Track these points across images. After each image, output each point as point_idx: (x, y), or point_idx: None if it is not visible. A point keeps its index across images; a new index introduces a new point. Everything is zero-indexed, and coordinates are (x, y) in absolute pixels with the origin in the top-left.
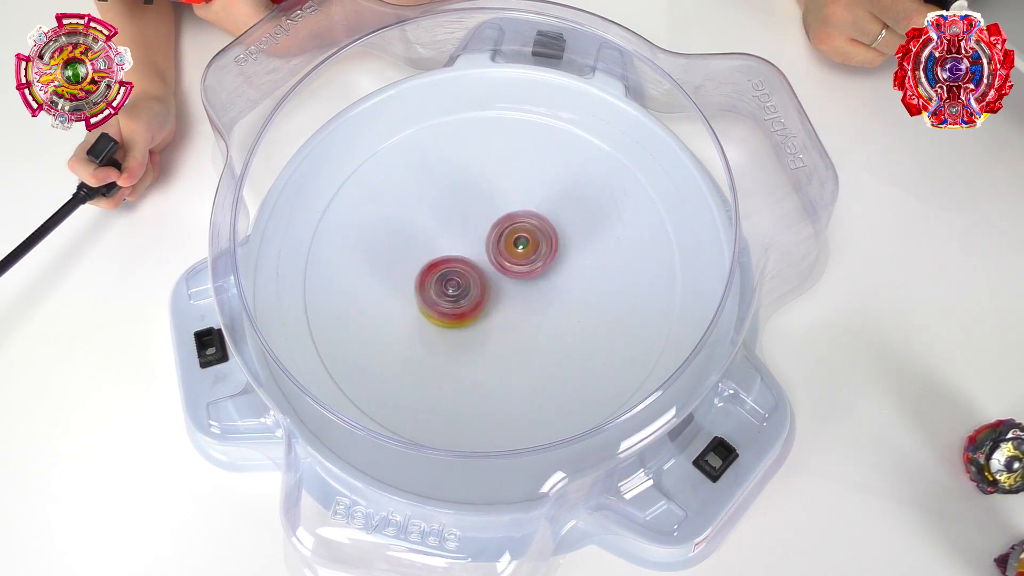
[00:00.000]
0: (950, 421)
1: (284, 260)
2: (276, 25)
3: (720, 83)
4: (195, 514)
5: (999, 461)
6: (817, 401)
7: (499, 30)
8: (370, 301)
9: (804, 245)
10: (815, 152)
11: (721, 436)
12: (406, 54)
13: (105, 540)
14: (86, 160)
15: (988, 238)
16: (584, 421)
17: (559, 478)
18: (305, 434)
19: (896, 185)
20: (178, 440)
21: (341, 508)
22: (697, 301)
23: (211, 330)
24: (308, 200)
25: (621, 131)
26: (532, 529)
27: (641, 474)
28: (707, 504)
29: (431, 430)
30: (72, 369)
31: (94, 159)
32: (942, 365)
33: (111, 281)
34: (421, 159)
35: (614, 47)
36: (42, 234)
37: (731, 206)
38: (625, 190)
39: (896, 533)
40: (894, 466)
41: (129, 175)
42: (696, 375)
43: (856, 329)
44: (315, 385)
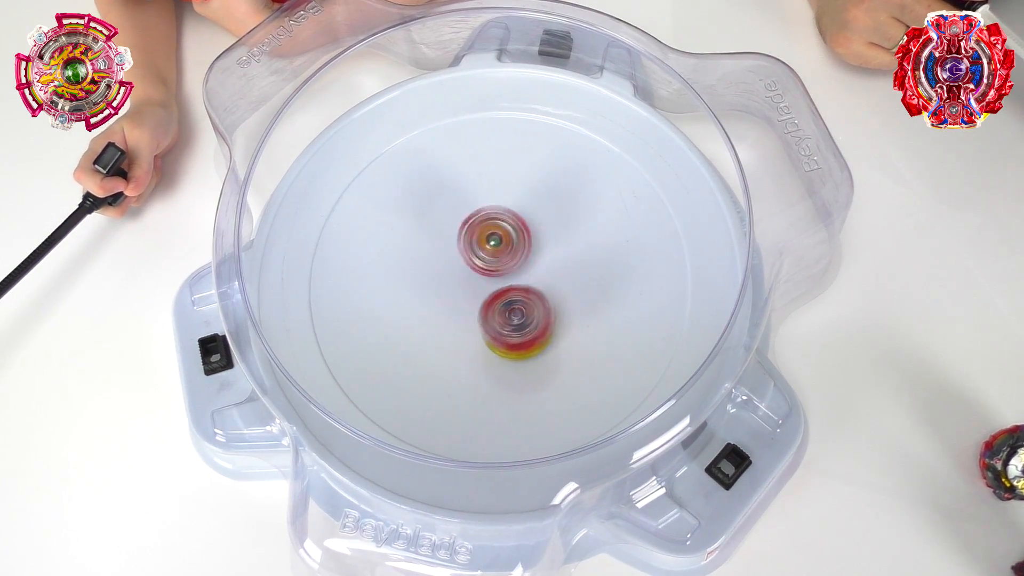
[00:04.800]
0: (966, 426)
1: (289, 265)
2: (279, 26)
3: (731, 83)
4: (200, 522)
5: (1016, 467)
6: (830, 406)
7: (505, 29)
8: (377, 306)
9: (818, 249)
10: (829, 154)
11: (734, 443)
12: (411, 54)
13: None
14: (92, 171)
15: (1004, 241)
16: (596, 430)
17: (572, 488)
18: (312, 443)
19: (910, 187)
20: (183, 448)
21: (350, 521)
22: (709, 306)
23: (215, 337)
24: (313, 204)
25: (630, 131)
26: (544, 539)
27: (653, 482)
28: (720, 512)
29: (440, 439)
30: (76, 376)
31: (101, 170)
32: (957, 369)
33: (114, 288)
34: (427, 161)
35: (622, 46)
36: (49, 246)
37: (743, 209)
38: (634, 192)
39: (912, 540)
40: (909, 472)
41: (136, 184)
42: (709, 382)
43: (870, 333)
44: (321, 393)
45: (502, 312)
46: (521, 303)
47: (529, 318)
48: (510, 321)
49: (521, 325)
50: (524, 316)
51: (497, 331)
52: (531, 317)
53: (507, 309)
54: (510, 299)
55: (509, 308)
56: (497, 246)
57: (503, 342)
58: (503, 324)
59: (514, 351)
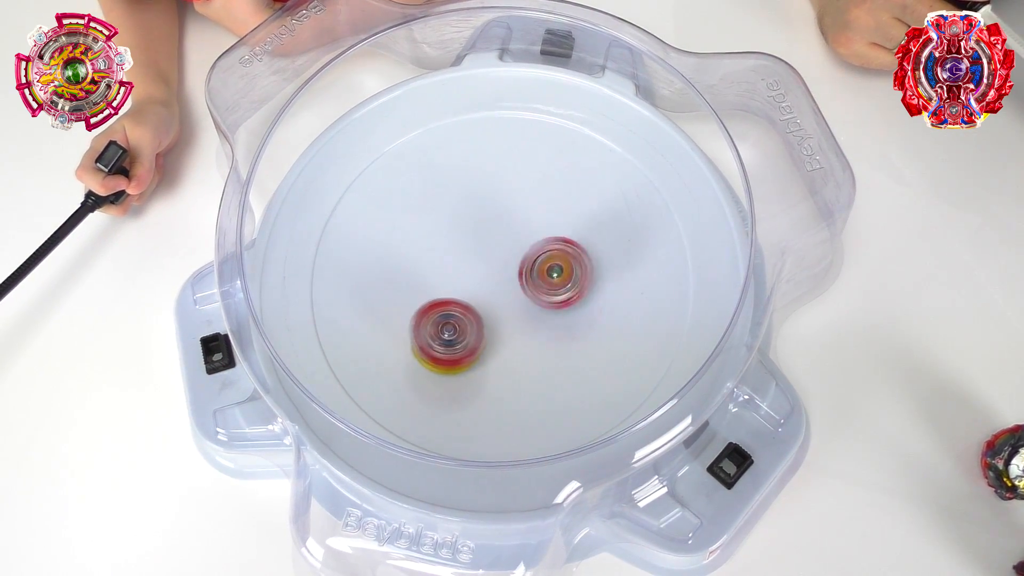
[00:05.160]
0: (967, 426)
1: (291, 264)
2: (281, 25)
3: (733, 83)
4: (202, 521)
5: (1018, 467)
6: (832, 406)
7: (507, 29)
8: (379, 305)
9: (820, 249)
10: (831, 153)
11: (736, 442)
12: (412, 54)
13: (110, 545)
14: (94, 169)
15: (1005, 241)
16: (598, 430)
17: (574, 487)
18: (314, 441)
19: (911, 187)
20: (185, 447)
21: (352, 520)
22: (711, 306)
23: (217, 336)
24: (315, 203)
25: (632, 131)
26: (546, 538)
27: (655, 481)
28: (722, 511)
29: (443, 438)
30: (78, 375)
31: (103, 168)
32: (959, 368)
33: (116, 287)
34: (428, 160)
35: (624, 46)
36: (51, 245)
37: (745, 209)
38: (636, 192)
39: (913, 540)
40: (911, 472)
41: (138, 182)
42: (711, 382)
43: (871, 332)
44: (323, 392)
45: (436, 324)
46: (456, 319)
47: (461, 335)
48: (441, 335)
49: (451, 342)
50: (456, 332)
51: (428, 342)
52: (464, 334)
53: (441, 322)
54: (447, 312)
55: (443, 322)
56: (560, 277)
57: (429, 354)
58: (434, 336)
59: (441, 366)
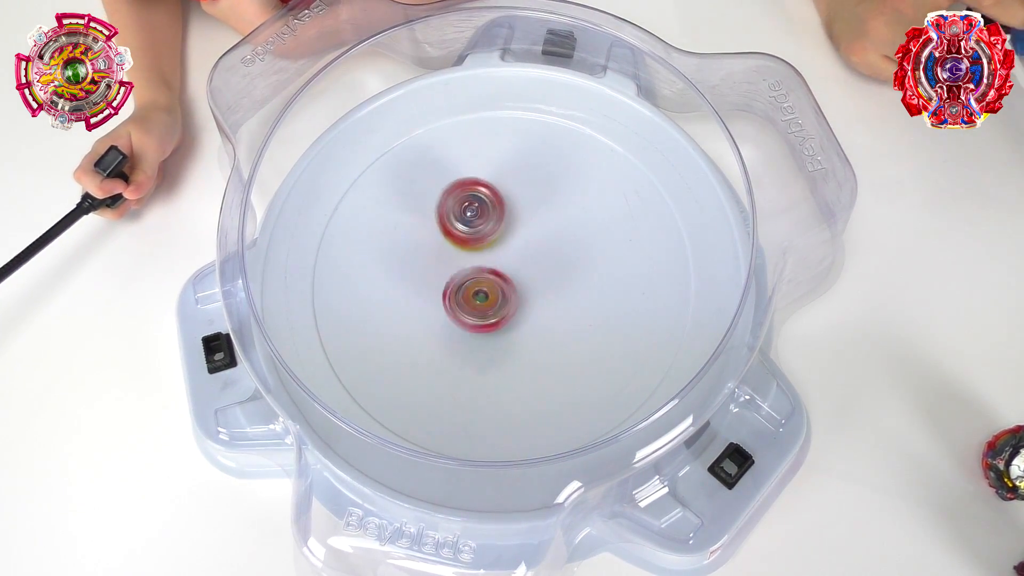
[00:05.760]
0: (968, 426)
1: (292, 263)
2: (283, 25)
3: (735, 83)
4: (203, 521)
5: (1019, 467)
6: (833, 406)
7: (508, 28)
8: (381, 304)
9: (821, 249)
10: (833, 153)
11: (737, 442)
12: (414, 53)
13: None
14: (93, 172)
15: (1006, 241)
16: (600, 430)
17: (575, 487)
18: (315, 441)
19: (912, 187)
20: (186, 446)
21: (353, 519)
22: (712, 306)
23: (219, 335)
24: (316, 202)
25: (633, 131)
26: (547, 538)
27: (656, 481)
28: (723, 511)
29: (444, 438)
30: (79, 375)
31: (101, 171)
32: (960, 369)
33: (117, 286)
34: (430, 160)
35: (625, 46)
36: (43, 243)
37: (747, 209)
38: (637, 191)
39: (914, 540)
40: (912, 472)
41: (137, 188)
42: (713, 382)
43: (873, 332)
44: (325, 391)
45: (459, 201)
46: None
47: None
48: (464, 214)
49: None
50: (478, 214)
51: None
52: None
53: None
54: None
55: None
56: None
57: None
58: (458, 215)
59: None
